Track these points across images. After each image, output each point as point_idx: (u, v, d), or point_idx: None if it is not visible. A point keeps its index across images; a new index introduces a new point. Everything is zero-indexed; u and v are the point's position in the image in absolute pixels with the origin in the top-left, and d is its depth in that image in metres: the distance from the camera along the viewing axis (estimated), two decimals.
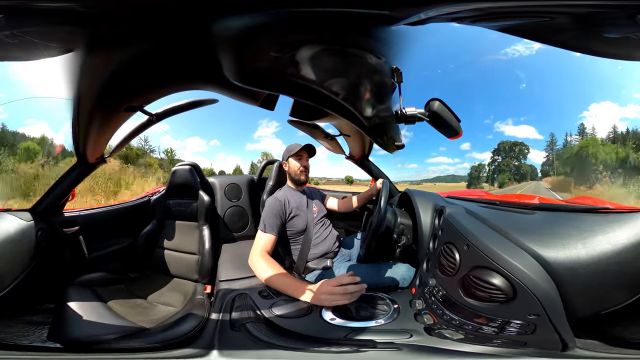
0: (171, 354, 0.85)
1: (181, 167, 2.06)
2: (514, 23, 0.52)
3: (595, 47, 0.57)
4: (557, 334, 0.71)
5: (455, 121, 0.78)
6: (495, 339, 0.78)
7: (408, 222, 1.33)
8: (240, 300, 1.12)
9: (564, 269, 0.73)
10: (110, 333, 1.14)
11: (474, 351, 0.77)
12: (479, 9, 0.46)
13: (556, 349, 0.72)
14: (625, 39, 0.50)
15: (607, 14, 0.46)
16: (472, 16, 0.48)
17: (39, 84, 10.62)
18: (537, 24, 0.51)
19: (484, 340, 0.79)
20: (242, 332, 0.91)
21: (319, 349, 0.82)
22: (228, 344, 0.87)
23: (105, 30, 0.49)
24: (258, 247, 1.35)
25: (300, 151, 1.65)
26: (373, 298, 1.07)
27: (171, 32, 0.50)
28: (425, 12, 0.44)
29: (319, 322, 0.95)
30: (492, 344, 0.78)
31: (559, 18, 0.49)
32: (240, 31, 0.47)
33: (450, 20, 0.49)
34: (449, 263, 0.92)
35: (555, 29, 0.51)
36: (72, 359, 0.88)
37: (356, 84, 0.61)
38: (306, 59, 0.51)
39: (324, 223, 1.67)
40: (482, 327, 0.80)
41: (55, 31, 0.50)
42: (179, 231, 2.01)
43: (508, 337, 0.76)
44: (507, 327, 0.76)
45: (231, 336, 0.91)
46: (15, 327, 1.19)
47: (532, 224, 0.98)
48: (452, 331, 0.84)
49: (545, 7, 0.47)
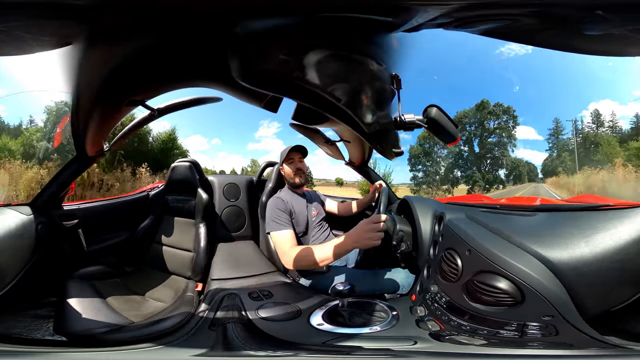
0: (142, 346, 0.85)
1: (181, 164, 2.06)
2: (493, 26, 0.52)
3: (578, 45, 0.57)
4: (583, 333, 0.71)
5: (453, 127, 0.79)
6: (523, 341, 0.76)
7: (407, 229, 1.32)
8: (229, 300, 1.12)
9: (569, 268, 0.73)
10: (100, 327, 1.14)
11: (500, 354, 0.76)
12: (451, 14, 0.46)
13: (591, 347, 0.71)
14: (607, 36, 0.50)
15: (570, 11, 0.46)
16: (454, 21, 0.49)
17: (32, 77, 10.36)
18: (517, 26, 0.51)
19: (510, 344, 0.77)
20: (217, 332, 0.90)
21: (295, 354, 0.80)
22: (198, 342, 0.86)
23: (107, 24, 0.50)
24: (285, 246, 1.35)
25: (291, 154, 1.65)
26: (369, 304, 1.06)
27: (179, 28, 0.51)
28: (415, 19, 0.45)
29: (305, 327, 0.94)
30: (521, 346, 0.76)
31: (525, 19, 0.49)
32: (250, 33, 0.47)
33: (436, 26, 0.50)
34: (451, 269, 0.91)
35: (534, 29, 0.51)
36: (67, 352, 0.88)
37: (357, 90, 0.62)
38: (312, 63, 0.52)
39: (322, 226, 1.67)
40: (498, 331, 0.78)
41: (46, 25, 0.50)
42: (176, 227, 2.01)
43: (535, 339, 0.75)
44: (527, 329, 0.75)
45: (206, 335, 0.90)
46: (21, 321, 1.21)
47: (533, 225, 0.98)
48: (467, 336, 0.82)
49: (506, 7, 0.48)
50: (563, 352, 0.72)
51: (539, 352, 0.74)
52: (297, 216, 1.53)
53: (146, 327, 1.14)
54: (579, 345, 0.72)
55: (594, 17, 0.44)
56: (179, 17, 0.48)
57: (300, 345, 0.86)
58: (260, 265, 1.63)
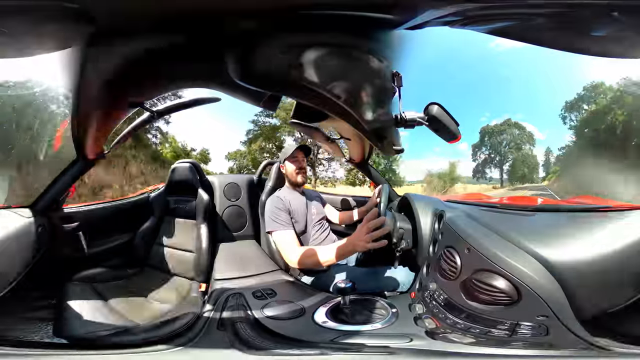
0: (155, 348, 0.85)
1: (181, 165, 2.06)
2: (501, 25, 0.52)
3: (582, 45, 0.57)
4: (573, 333, 0.71)
5: (454, 125, 0.79)
6: (510, 341, 0.77)
7: (407, 227, 1.33)
8: (234, 299, 1.12)
9: (567, 269, 0.73)
10: (103, 330, 1.14)
11: (487, 353, 0.77)
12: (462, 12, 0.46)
13: (576, 348, 0.72)
14: (611, 37, 0.50)
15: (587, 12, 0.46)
16: (462, 20, 0.49)
17: None
18: (524, 26, 0.51)
19: (497, 343, 0.78)
20: (227, 331, 0.91)
21: (304, 352, 0.81)
22: (211, 343, 0.87)
23: (105, 27, 0.49)
24: (289, 246, 1.36)
25: (295, 152, 1.66)
26: (370, 302, 1.06)
27: (177, 30, 0.51)
28: (421, 17, 0.45)
29: (310, 324, 0.94)
30: (508, 346, 0.77)
31: (542, 19, 0.49)
32: (247, 32, 0.47)
33: (443, 24, 0.50)
34: (450, 267, 0.92)
35: (542, 29, 0.52)
36: (63, 355, 0.88)
37: (358, 88, 0.62)
38: (311, 61, 0.52)
39: (322, 225, 1.67)
40: (490, 330, 0.79)
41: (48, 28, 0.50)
42: (177, 229, 2.01)
43: (523, 339, 0.76)
44: (518, 329, 0.76)
45: (216, 335, 0.90)
46: (19, 323, 1.20)
47: (533, 225, 0.98)
48: (459, 335, 0.83)
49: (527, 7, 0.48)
50: (546, 352, 0.73)
51: (523, 352, 0.75)
52: (296, 215, 1.54)
53: (154, 329, 1.15)
54: (565, 346, 0.73)
55: (607, 19, 0.44)
56: (177, 18, 0.47)
57: (308, 342, 0.86)
58: (263, 264, 1.63)
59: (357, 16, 0.44)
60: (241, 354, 0.80)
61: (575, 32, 0.52)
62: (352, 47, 0.54)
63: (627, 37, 0.48)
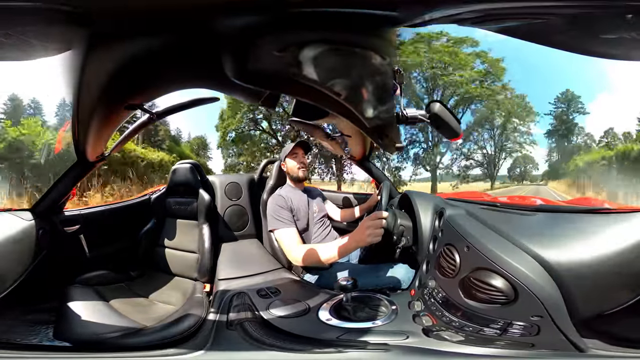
0: (166, 352, 0.85)
1: (182, 166, 2.06)
2: (512, 24, 0.52)
3: (592, 47, 0.57)
4: (563, 334, 0.71)
5: (455, 123, 0.79)
6: (498, 340, 0.78)
7: (408, 224, 1.33)
8: (239, 299, 1.13)
9: (565, 270, 0.73)
10: (110, 332, 1.14)
11: (474, 353, 0.77)
12: (478, 10, 0.46)
13: (564, 349, 0.72)
14: (621, 39, 0.50)
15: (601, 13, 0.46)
16: (472, 18, 0.48)
17: None
18: (535, 26, 0.51)
19: (486, 342, 0.78)
20: (237, 331, 0.91)
21: (312, 350, 0.82)
22: (223, 343, 0.87)
23: (104, 29, 0.49)
24: (291, 244, 1.37)
25: (295, 148, 1.67)
26: (371, 299, 1.07)
27: (173, 30, 0.50)
28: (429, 14, 0.44)
29: (316, 322, 0.95)
30: (494, 345, 0.77)
31: (555, 19, 0.49)
32: (244, 30, 0.47)
33: (452, 22, 0.49)
34: (449, 265, 0.92)
35: (552, 30, 0.51)
36: (71, 357, 0.88)
37: (358, 85, 0.61)
38: (310, 59, 0.51)
39: (323, 222, 1.67)
40: (483, 329, 0.79)
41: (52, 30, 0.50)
42: (179, 230, 2.01)
43: (512, 339, 0.76)
44: (510, 328, 0.76)
45: (227, 335, 0.91)
46: (20, 326, 1.20)
47: (532, 225, 0.98)
48: (452, 333, 0.84)
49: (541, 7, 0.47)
50: (531, 352, 0.74)
51: (505, 353, 0.75)
52: (298, 212, 1.54)
53: (161, 331, 1.14)
54: (552, 347, 0.73)
55: (621, 21, 0.44)
56: (174, 17, 0.47)
57: (315, 340, 0.87)
58: (266, 262, 1.64)
59: (360, 13, 0.44)
60: (257, 352, 0.81)
61: (586, 33, 0.51)
62: (354, 45, 0.53)
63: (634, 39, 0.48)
